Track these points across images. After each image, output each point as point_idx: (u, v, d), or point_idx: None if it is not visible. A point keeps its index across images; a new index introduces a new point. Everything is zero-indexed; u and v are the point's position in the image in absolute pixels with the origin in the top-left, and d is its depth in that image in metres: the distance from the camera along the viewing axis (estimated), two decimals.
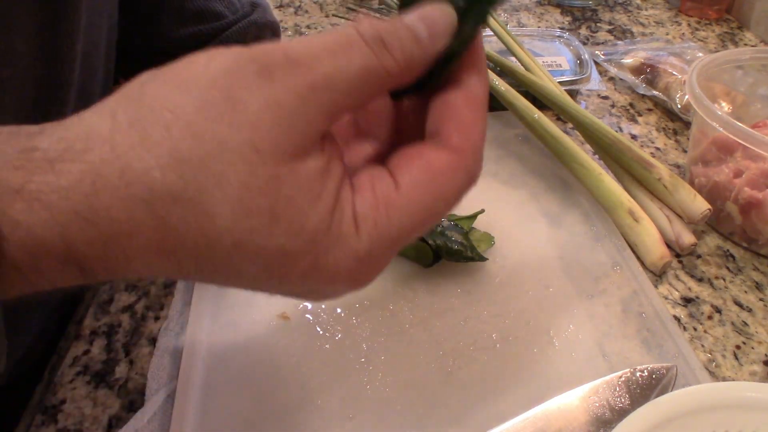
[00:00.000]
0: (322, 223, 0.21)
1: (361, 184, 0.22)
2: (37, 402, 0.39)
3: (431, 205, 0.22)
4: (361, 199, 0.22)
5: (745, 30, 0.87)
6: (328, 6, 0.93)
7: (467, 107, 0.23)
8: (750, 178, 0.48)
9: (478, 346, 0.41)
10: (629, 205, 0.49)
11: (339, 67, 0.20)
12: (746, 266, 0.49)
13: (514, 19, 0.91)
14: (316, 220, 0.20)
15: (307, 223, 0.20)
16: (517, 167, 0.57)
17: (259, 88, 0.20)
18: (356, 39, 0.21)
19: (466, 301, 0.44)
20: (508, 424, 0.34)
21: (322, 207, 0.21)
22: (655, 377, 0.35)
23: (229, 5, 0.52)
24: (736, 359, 0.42)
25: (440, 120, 0.23)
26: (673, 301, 0.46)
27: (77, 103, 0.41)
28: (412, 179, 0.22)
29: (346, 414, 0.37)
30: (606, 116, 0.68)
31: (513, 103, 0.58)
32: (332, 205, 0.21)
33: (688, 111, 0.64)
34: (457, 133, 0.23)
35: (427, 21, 0.22)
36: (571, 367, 0.39)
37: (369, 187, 0.22)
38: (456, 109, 0.23)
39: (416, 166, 0.22)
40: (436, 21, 0.22)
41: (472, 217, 0.48)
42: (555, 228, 0.50)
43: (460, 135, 0.23)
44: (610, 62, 0.76)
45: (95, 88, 0.44)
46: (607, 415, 0.34)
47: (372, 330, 0.42)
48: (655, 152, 0.62)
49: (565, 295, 0.44)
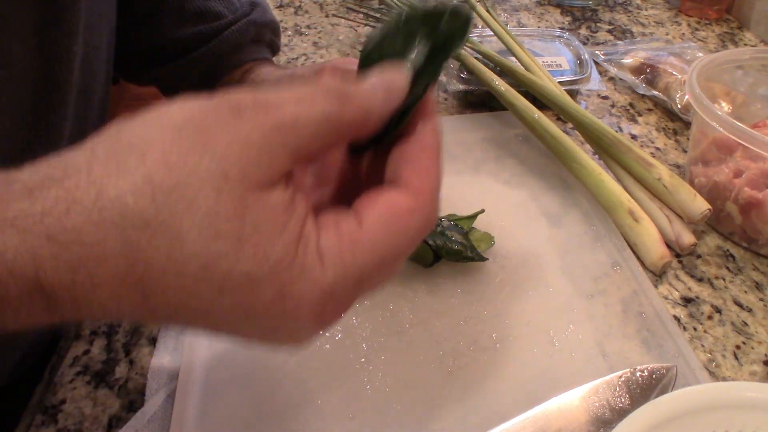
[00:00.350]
0: (287, 254, 0.21)
1: (326, 222, 0.23)
2: (37, 402, 0.39)
3: (393, 243, 0.23)
4: (326, 235, 0.22)
5: (745, 30, 0.87)
6: (328, 6, 0.93)
7: (424, 154, 0.25)
8: (750, 178, 0.48)
9: (478, 346, 0.41)
10: (629, 205, 0.49)
11: (304, 111, 0.22)
12: (746, 266, 0.49)
13: (514, 19, 0.91)
14: (282, 249, 0.21)
15: (273, 251, 0.21)
16: (517, 167, 0.57)
17: (228, 125, 0.21)
18: (321, 90, 0.23)
19: (466, 301, 0.44)
20: (508, 424, 0.34)
21: (287, 237, 0.21)
22: (655, 377, 0.35)
23: (228, 5, 0.52)
24: (736, 359, 0.42)
25: (399, 167, 0.25)
26: (673, 301, 0.46)
27: (77, 106, 0.41)
28: (375, 218, 0.23)
29: (346, 414, 0.37)
30: (606, 116, 0.68)
31: (513, 103, 0.58)
32: (297, 237, 0.22)
33: (688, 111, 0.64)
34: (416, 177, 0.24)
35: (385, 82, 0.24)
36: (571, 367, 0.39)
37: (333, 225, 0.23)
38: (414, 156, 0.25)
39: (379, 207, 0.23)
40: (392, 82, 0.24)
41: (472, 217, 0.48)
42: (555, 228, 0.50)
43: (419, 179, 0.24)
44: (610, 62, 0.76)
45: (96, 92, 0.44)
46: (607, 415, 0.34)
47: (372, 330, 0.42)
48: (655, 152, 0.62)
49: (565, 295, 0.44)
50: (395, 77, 0.25)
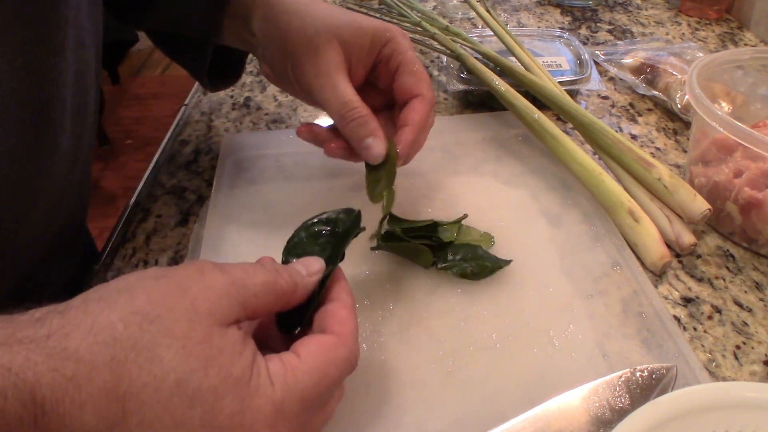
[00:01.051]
0: (245, 374, 0.27)
1: (271, 357, 0.29)
2: None
3: (325, 370, 0.30)
4: (273, 365, 0.29)
5: (745, 30, 0.87)
6: None
7: (342, 309, 0.33)
8: (750, 178, 0.48)
9: (478, 346, 0.41)
10: (629, 205, 0.49)
11: (249, 276, 0.30)
12: (746, 266, 0.49)
13: (514, 19, 0.91)
14: (241, 370, 0.27)
15: (234, 370, 0.27)
16: (517, 167, 0.57)
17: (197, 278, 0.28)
18: (260, 265, 0.31)
19: (466, 301, 0.44)
20: (508, 424, 0.34)
21: (244, 361, 0.27)
22: (655, 377, 0.35)
23: None
24: (736, 359, 0.42)
25: (324, 321, 0.32)
26: (673, 301, 0.46)
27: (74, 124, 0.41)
28: (309, 352, 0.30)
29: (346, 414, 0.37)
30: (606, 116, 0.68)
31: (513, 103, 0.58)
32: (251, 362, 0.28)
33: (688, 111, 0.65)
34: (338, 325, 0.32)
35: (306, 264, 0.34)
36: (571, 367, 0.39)
37: (277, 358, 0.29)
38: (334, 312, 0.33)
39: (313, 344, 0.30)
40: (312, 264, 0.34)
41: (457, 222, 0.48)
42: (555, 228, 0.50)
43: (341, 326, 0.32)
44: (610, 62, 0.76)
45: (89, 108, 0.44)
46: (607, 415, 0.34)
47: (372, 330, 0.42)
48: (655, 152, 0.62)
49: (565, 294, 0.44)
50: (315, 262, 0.34)
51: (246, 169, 0.57)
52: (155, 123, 2.54)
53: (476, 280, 0.45)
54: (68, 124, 0.40)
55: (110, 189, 2.22)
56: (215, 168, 0.57)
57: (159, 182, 0.59)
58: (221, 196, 0.53)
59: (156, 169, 0.61)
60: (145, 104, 2.71)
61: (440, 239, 0.46)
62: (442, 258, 0.46)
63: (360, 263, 0.47)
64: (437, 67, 0.78)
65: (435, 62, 0.79)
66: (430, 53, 0.80)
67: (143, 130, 2.56)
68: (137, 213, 0.55)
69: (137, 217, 0.55)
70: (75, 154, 0.42)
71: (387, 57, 0.46)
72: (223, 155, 0.59)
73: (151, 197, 0.57)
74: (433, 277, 0.45)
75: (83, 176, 0.47)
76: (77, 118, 0.41)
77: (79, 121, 0.42)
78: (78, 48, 0.40)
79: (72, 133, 0.41)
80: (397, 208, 0.50)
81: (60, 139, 0.39)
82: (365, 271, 0.46)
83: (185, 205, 0.56)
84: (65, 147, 0.40)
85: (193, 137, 0.66)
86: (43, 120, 0.37)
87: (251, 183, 0.55)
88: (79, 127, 0.42)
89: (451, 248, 0.46)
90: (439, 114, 0.68)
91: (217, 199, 0.53)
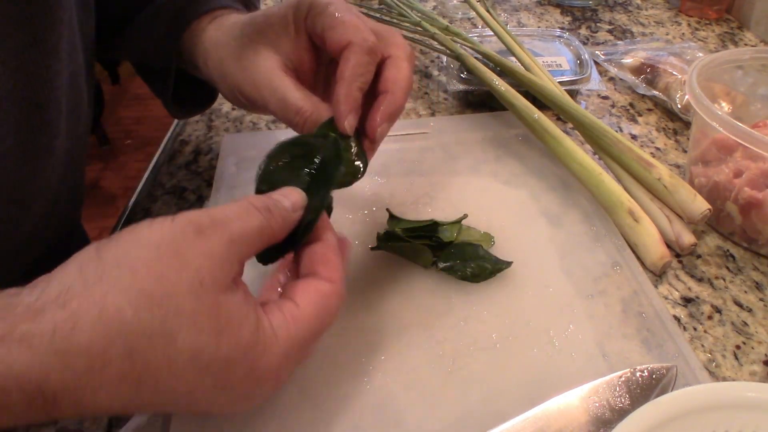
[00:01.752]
0: (253, 336, 0.28)
1: (271, 309, 0.30)
2: None
3: (323, 317, 0.31)
4: (274, 318, 0.29)
5: (745, 30, 0.87)
6: None
7: (332, 253, 0.33)
8: (750, 178, 0.48)
9: (478, 346, 0.41)
10: (629, 205, 0.49)
11: (245, 224, 0.29)
12: (746, 266, 0.49)
13: (514, 19, 0.91)
14: (248, 334, 0.28)
15: (243, 336, 0.28)
16: (517, 167, 0.57)
17: (196, 243, 0.27)
18: (252, 207, 0.30)
19: (466, 301, 0.44)
20: (508, 424, 0.34)
21: (250, 324, 0.28)
22: (655, 377, 0.35)
23: None
24: (736, 359, 0.42)
25: (314, 264, 0.33)
26: (673, 301, 0.46)
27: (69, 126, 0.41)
28: (308, 300, 0.31)
29: (346, 414, 0.37)
30: (606, 116, 0.68)
31: (513, 103, 0.58)
32: (256, 323, 0.28)
33: (688, 111, 0.64)
34: (332, 271, 0.32)
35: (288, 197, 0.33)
36: (571, 367, 0.39)
37: (278, 309, 0.30)
38: (326, 257, 0.33)
39: (310, 292, 0.31)
40: (294, 197, 0.33)
41: (457, 222, 0.48)
42: (555, 228, 0.50)
43: (334, 272, 0.32)
44: (610, 62, 0.76)
45: (83, 109, 0.44)
46: (607, 415, 0.34)
47: (372, 330, 0.42)
48: (655, 152, 0.62)
49: (565, 294, 0.44)
50: (294, 195, 0.33)
51: (246, 169, 0.57)
52: (155, 123, 2.53)
53: (476, 282, 0.45)
54: (63, 125, 0.40)
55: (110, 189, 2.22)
56: (215, 168, 0.57)
57: (159, 182, 0.59)
58: (221, 196, 0.53)
59: (156, 169, 0.61)
60: (145, 104, 2.71)
61: (440, 239, 0.46)
62: (443, 258, 0.46)
63: (360, 263, 0.47)
64: (437, 67, 0.78)
65: (435, 62, 0.79)
66: (430, 53, 0.80)
67: (143, 130, 2.56)
68: (137, 213, 0.55)
69: (137, 217, 0.55)
70: (70, 156, 0.42)
71: (312, 25, 0.41)
72: (223, 155, 0.59)
73: (151, 197, 0.57)
74: (433, 277, 0.45)
75: (78, 177, 0.47)
76: (72, 120, 0.41)
77: (73, 122, 0.42)
78: (72, 50, 0.40)
79: (67, 135, 0.41)
80: (397, 208, 0.50)
81: (55, 140, 0.39)
82: (365, 271, 0.46)
83: (185, 205, 0.56)
84: (60, 149, 0.40)
85: (193, 137, 0.66)
86: (38, 122, 0.37)
87: (251, 183, 0.55)
88: (74, 128, 0.42)
89: (451, 248, 0.46)
90: (439, 114, 0.68)
91: (217, 199, 0.53)
